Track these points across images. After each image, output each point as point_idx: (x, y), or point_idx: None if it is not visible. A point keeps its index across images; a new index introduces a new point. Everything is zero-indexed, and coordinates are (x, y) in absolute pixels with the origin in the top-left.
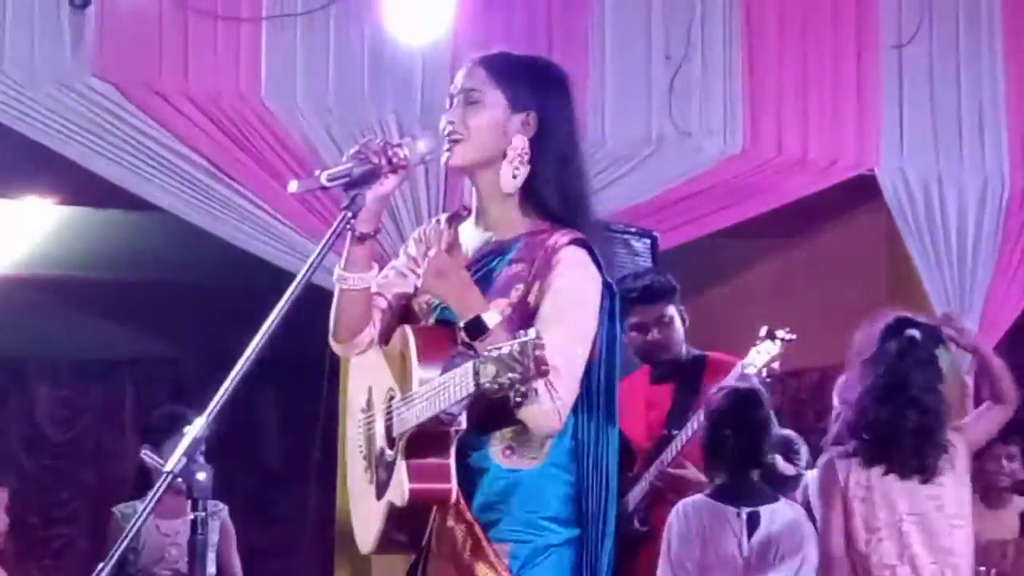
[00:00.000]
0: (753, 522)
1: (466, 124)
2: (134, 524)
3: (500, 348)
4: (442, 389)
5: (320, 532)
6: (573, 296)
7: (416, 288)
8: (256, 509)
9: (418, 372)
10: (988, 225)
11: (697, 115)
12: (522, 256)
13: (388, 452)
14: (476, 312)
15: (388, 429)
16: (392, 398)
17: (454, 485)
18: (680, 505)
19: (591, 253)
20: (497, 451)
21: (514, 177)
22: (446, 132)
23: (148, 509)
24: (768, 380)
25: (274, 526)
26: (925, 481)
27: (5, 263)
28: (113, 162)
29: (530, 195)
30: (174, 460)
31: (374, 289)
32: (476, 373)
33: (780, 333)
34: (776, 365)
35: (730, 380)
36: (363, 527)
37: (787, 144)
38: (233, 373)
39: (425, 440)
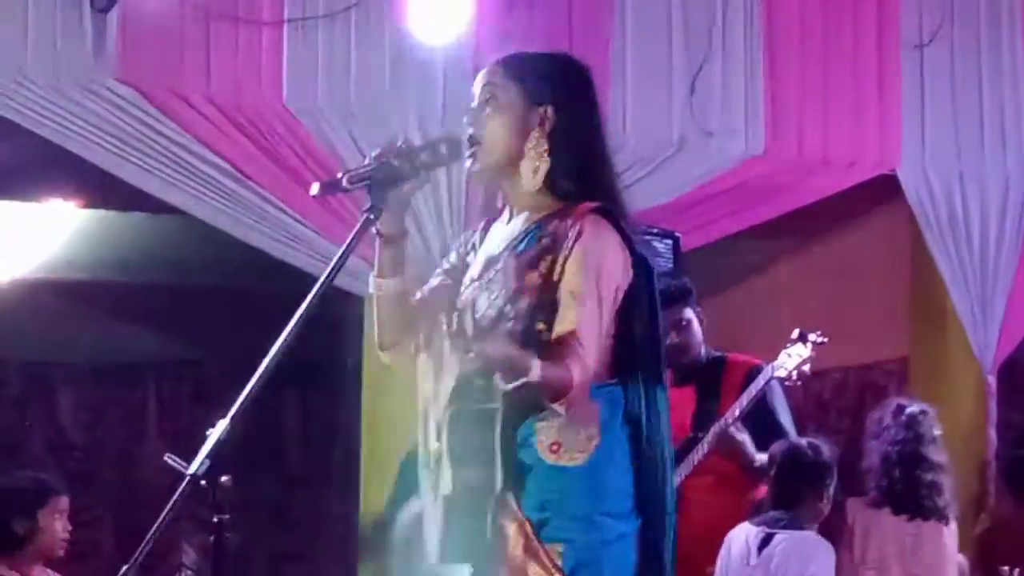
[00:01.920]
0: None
1: (484, 125)
2: (156, 527)
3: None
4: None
5: (343, 536)
6: (593, 261)
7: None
8: (279, 513)
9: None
10: (1010, 224)
11: (719, 116)
12: (549, 231)
13: (436, 446)
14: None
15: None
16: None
17: (499, 476)
18: None
19: (612, 221)
20: (544, 448)
21: (535, 173)
22: (467, 136)
23: (169, 511)
24: (798, 383)
25: (297, 530)
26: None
27: (29, 267)
28: (135, 166)
29: (554, 188)
30: (197, 462)
31: (427, 293)
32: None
33: (812, 336)
34: (807, 368)
35: (760, 381)
36: (431, 529)
37: (808, 144)
38: (255, 376)
39: (468, 430)
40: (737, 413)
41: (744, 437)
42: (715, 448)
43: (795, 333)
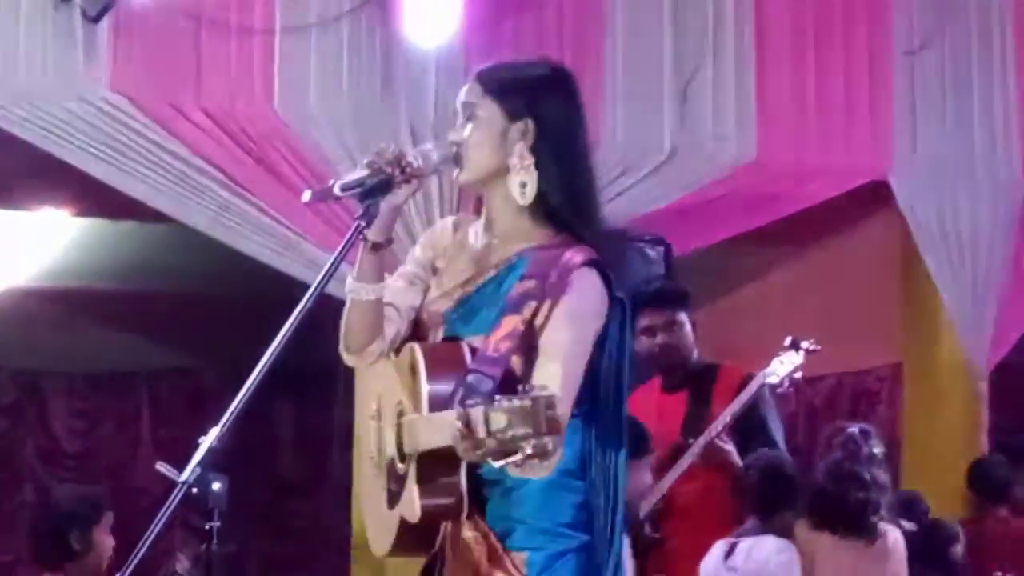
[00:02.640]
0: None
1: (465, 141)
2: (149, 535)
3: (512, 399)
4: (448, 421)
5: (336, 542)
6: (578, 322)
7: (424, 297)
8: (272, 520)
9: (427, 388)
10: (1001, 231)
11: (710, 123)
12: (533, 272)
13: (399, 465)
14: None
15: (399, 442)
16: (402, 412)
17: (465, 501)
18: None
19: (602, 274)
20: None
21: (523, 186)
22: (452, 151)
23: (163, 519)
24: (790, 390)
25: (290, 537)
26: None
27: (22, 275)
28: (128, 174)
29: (539, 202)
30: (189, 470)
31: (386, 299)
32: (487, 420)
33: (805, 344)
34: (799, 375)
35: (752, 387)
36: (376, 530)
37: (800, 151)
38: (248, 383)
39: (436, 459)
40: (728, 420)
41: (730, 447)
42: (702, 457)
43: (787, 340)
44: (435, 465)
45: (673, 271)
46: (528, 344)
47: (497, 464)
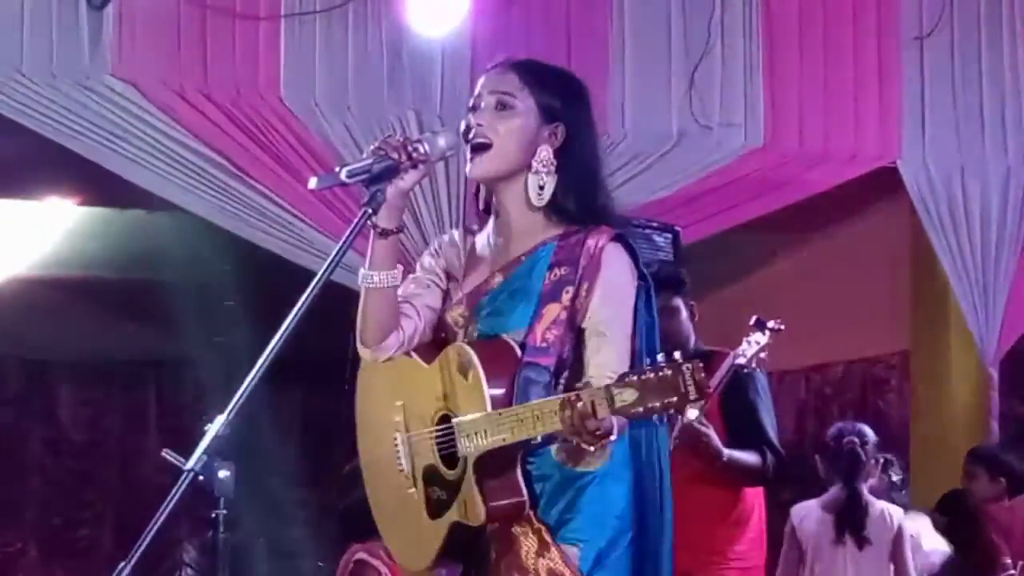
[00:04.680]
0: None
1: (496, 129)
2: (154, 524)
3: (640, 374)
4: (535, 412)
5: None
6: (618, 297)
7: (445, 299)
8: (279, 510)
9: (487, 387)
10: (1011, 216)
11: (718, 109)
12: (562, 259)
13: (447, 471)
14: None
15: (441, 448)
16: (446, 416)
17: (526, 497)
18: None
19: (628, 249)
20: (560, 455)
21: (541, 188)
22: (472, 136)
23: (168, 507)
24: (756, 370)
25: (297, 527)
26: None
27: (27, 264)
28: (133, 162)
29: (553, 206)
30: (195, 458)
31: (401, 297)
32: (611, 399)
33: (771, 323)
34: (765, 355)
35: (723, 369)
36: (409, 543)
37: (808, 137)
38: (253, 371)
39: (494, 458)
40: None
41: (709, 431)
42: (682, 440)
43: (752, 320)
44: (493, 464)
45: (681, 258)
46: (572, 329)
47: (593, 447)
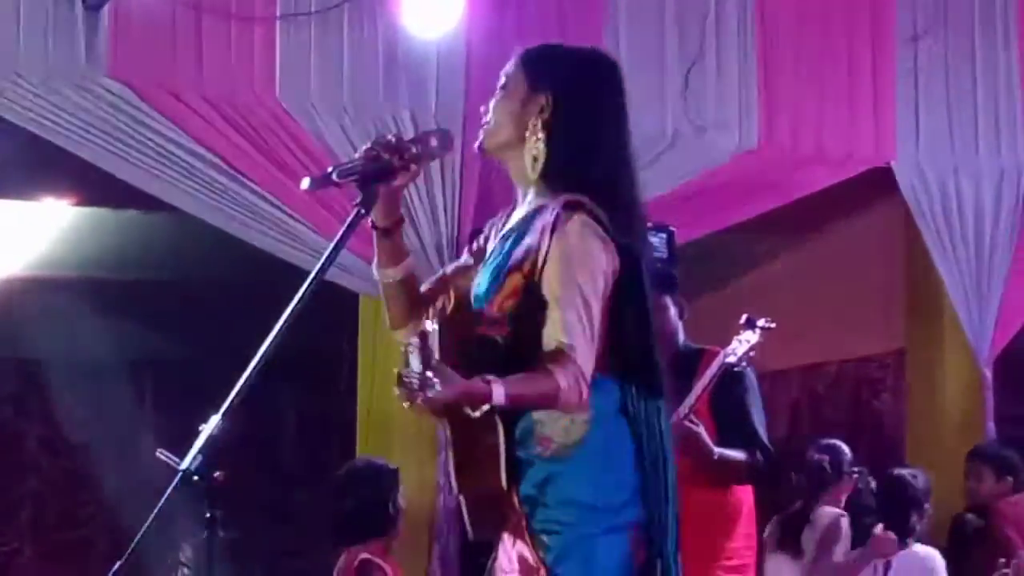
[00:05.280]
0: None
1: (492, 108)
2: (149, 522)
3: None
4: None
5: None
6: (567, 262)
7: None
8: (274, 509)
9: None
10: (1005, 217)
11: (712, 110)
12: (532, 229)
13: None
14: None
15: None
16: None
17: (503, 474)
18: None
19: (587, 212)
20: (535, 443)
21: (534, 160)
22: (482, 118)
23: (161, 506)
24: (747, 368)
25: (293, 526)
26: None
27: (22, 265)
28: (128, 163)
29: (546, 177)
30: (189, 457)
31: (449, 271)
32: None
33: (760, 322)
34: (755, 354)
35: (713, 368)
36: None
37: (802, 138)
38: (247, 371)
39: (468, 428)
40: (693, 401)
41: (700, 429)
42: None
43: (743, 319)
44: (471, 436)
45: (675, 258)
46: (533, 299)
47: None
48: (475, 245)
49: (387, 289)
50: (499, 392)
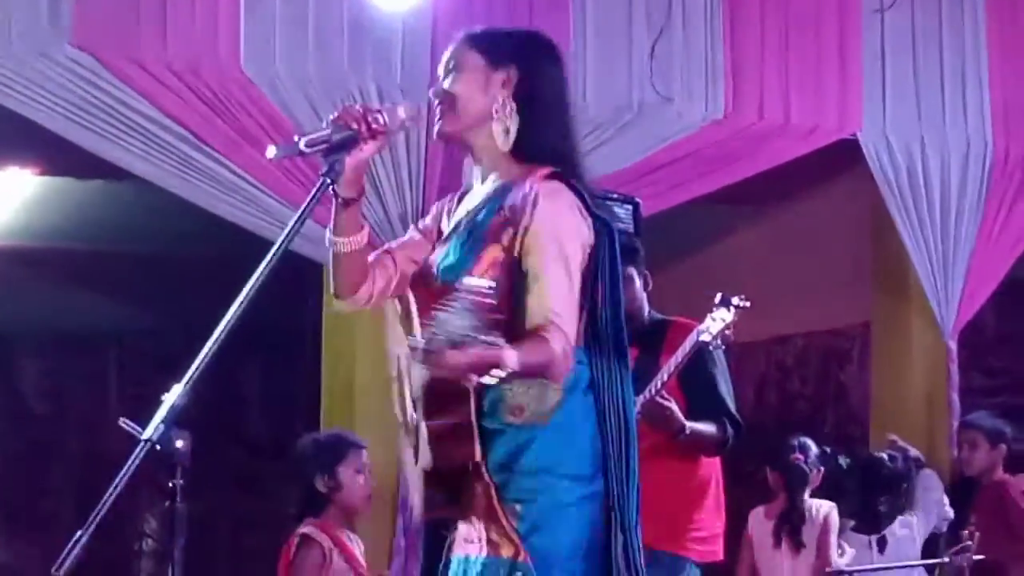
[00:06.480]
0: None
1: (448, 91)
2: (111, 492)
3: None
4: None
5: None
6: (554, 235)
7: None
8: (241, 481)
9: (420, 335)
10: (971, 189)
11: (679, 81)
12: (508, 201)
13: (413, 416)
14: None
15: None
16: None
17: (476, 445)
18: None
19: (568, 185)
20: (507, 411)
21: (506, 132)
22: (436, 106)
23: (125, 477)
24: (723, 347)
25: (260, 498)
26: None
27: None
28: (92, 132)
29: (519, 149)
30: (152, 427)
31: (394, 246)
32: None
33: (735, 300)
34: (730, 332)
35: (687, 345)
36: (416, 497)
37: (769, 109)
38: (210, 341)
39: (440, 401)
40: (665, 377)
41: (671, 405)
42: (644, 415)
43: (717, 297)
44: (441, 408)
45: (641, 229)
46: (513, 271)
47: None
48: (421, 224)
49: (340, 258)
50: (512, 358)
